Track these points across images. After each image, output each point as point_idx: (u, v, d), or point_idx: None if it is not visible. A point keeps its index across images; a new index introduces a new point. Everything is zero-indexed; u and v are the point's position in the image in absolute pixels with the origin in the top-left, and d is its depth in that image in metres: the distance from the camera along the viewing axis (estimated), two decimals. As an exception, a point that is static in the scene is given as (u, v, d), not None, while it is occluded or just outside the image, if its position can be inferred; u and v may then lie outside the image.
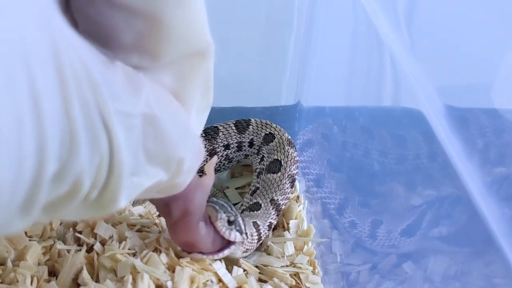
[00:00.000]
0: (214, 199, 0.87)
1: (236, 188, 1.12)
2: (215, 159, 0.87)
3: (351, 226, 0.99)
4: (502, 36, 0.73)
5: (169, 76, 0.56)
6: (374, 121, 1.00)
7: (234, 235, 0.86)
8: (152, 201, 0.89)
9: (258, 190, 1.03)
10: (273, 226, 1.02)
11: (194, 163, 0.61)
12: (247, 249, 0.93)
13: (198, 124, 0.64)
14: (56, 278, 0.85)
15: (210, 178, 0.82)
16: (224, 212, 0.85)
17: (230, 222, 0.85)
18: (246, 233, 0.89)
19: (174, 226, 0.83)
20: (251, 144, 1.09)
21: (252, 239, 0.93)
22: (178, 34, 0.53)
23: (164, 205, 0.81)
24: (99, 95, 0.44)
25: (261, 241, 0.98)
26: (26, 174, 0.39)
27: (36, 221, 0.69)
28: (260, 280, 0.95)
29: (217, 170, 1.08)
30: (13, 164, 0.37)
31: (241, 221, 0.88)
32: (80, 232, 0.91)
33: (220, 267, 0.89)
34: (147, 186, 0.53)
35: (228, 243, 0.87)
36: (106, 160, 0.45)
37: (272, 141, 1.07)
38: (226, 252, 0.87)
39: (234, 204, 1.07)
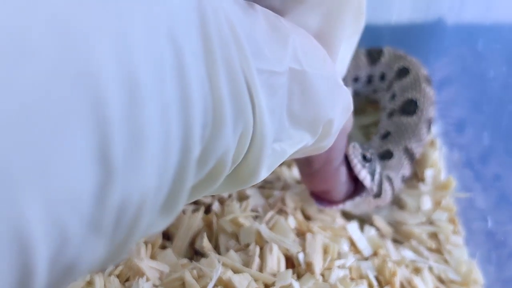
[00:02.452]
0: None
1: (360, 127, 0.99)
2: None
3: (495, 178, 0.85)
4: None
5: (316, 17, 0.48)
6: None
7: (364, 175, 0.73)
8: None
9: (389, 135, 0.89)
10: (405, 178, 0.89)
11: (342, 121, 0.52)
12: (377, 206, 0.81)
13: (347, 50, 0.55)
14: (171, 243, 0.77)
15: (351, 121, 0.69)
16: (360, 146, 0.72)
17: (364, 158, 0.72)
18: (379, 187, 0.77)
19: (313, 175, 0.71)
20: (382, 77, 0.94)
21: (386, 196, 0.81)
22: None
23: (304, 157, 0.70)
24: (242, 55, 0.36)
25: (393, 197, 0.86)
26: (171, 170, 0.32)
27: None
28: (395, 240, 0.84)
29: None
30: (161, 167, 0.31)
31: (377, 169, 0.75)
32: (195, 190, 0.81)
33: (354, 231, 0.79)
34: (290, 153, 0.45)
35: (354, 193, 0.75)
36: (249, 130, 0.39)
37: (406, 77, 0.91)
38: (347, 204, 0.76)
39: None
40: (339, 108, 0.49)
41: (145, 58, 0.29)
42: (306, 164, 0.70)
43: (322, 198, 0.76)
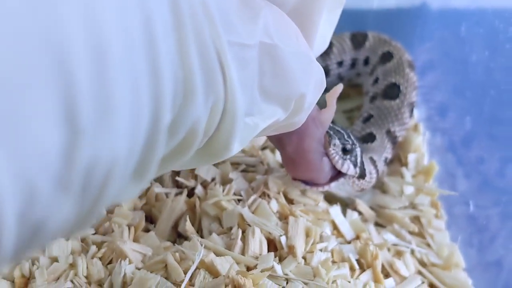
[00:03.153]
0: (331, 124, 0.74)
1: (344, 112, 0.99)
2: (340, 87, 0.69)
3: (477, 163, 0.86)
4: None
5: None
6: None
7: (347, 166, 0.73)
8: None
9: (372, 118, 0.89)
10: (388, 161, 0.89)
11: (315, 97, 0.53)
12: (362, 188, 0.81)
13: (328, 24, 0.55)
14: (154, 226, 0.77)
15: (330, 112, 0.69)
16: (339, 139, 0.72)
17: (345, 151, 0.72)
18: (363, 169, 0.77)
19: (292, 162, 0.71)
20: (366, 62, 0.94)
21: (370, 178, 0.81)
22: None
23: (277, 140, 0.70)
24: (213, 28, 0.37)
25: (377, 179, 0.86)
26: (142, 134, 0.33)
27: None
28: (377, 224, 0.84)
29: (327, 90, 0.95)
30: (131, 130, 0.32)
31: (358, 153, 0.76)
32: (178, 173, 0.81)
33: (337, 214, 0.79)
34: (262, 127, 0.46)
35: (338, 174, 0.75)
36: (221, 102, 0.40)
37: (390, 61, 0.92)
38: (333, 185, 0.75)
39: (343, 131, 0.95)
40: (312, 84, 0.50)
41: (115, 28, 0.30)
42: (280, 147, 0.71)
43: (307, 182, 0.76)
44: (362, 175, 0.78)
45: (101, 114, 0.29)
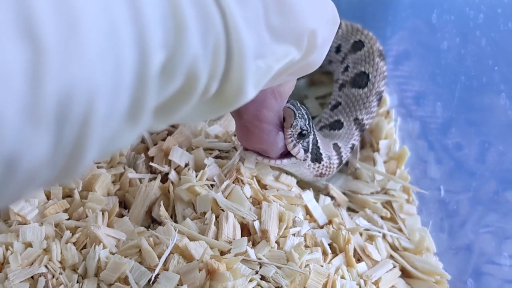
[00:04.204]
0: (298, 103, 0.74)
1: (316, 98, 0.99)
2: None
3: (449, 147, 0.87)
4: None
5: None
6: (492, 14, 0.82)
7: (298, 150, 0.74)
8: None
9: (340, 106, 0.90)
10: (355, 148, 0.90)
11: (329, 34, 0.51)
12: (321, 173, 0.82)
13: None
14: (128, 211, 0.77)
15: (290, 86, 0.70)
16: (300, 123, 0.72)
17: (300, 135, 0.73)
18: (316, 154, 0.78)
19: (246, 131, 0.71)
20: (337, 49, 0.95)
21: (330, 163, 0.82)
22: None
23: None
24: None
25: (340, 166, 0.86)
26: (127, 69, 0.31)
27: (150, 129, 0.60)
28: (349, 209, 0.86)
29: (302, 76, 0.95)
30: (108, 58, 0.30)
31: (311, 140, 0.76)
32: (152, 159, 0.81)
33: (310, 199, 0.80)
34: (277, 69, 0.44)
35: (289, 153, 0.75)
36: (222, 41, 0.38)
37: (361, 50, 0.92)
38: (285, 162, 0.75)
39: (313, 118, 0.95)
40: (323, 19, 0.49)
41: None
42: (236, 114, 0.70)
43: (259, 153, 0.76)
44: (317, 159, 0.79)
45: (65, 32, 0.28)
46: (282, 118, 0.72)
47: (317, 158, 0.79)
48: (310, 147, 0.76)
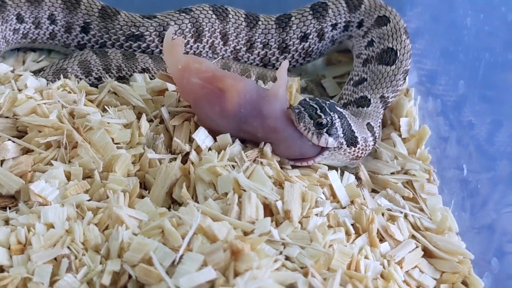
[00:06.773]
0: (303, 100, 0.76)
1: (334, 77, 0.98)
2: (286, 63, 0.74)
3: (477, 126, 0.86)
4: None
5: None
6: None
7: (325, 140, 0.74)
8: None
9: (365, 82, 0.89)
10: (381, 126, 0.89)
11: None
12: (357, 156, 0.81)
13: None
14: (148, 192, 0.76)
15: (279, 84, 0.72)
16: (310, 115, 0.73)
17: (319, 125, 0.73)
18: (351, 137, 0.78)
19: (274, 147, 0.77)
20: (359, 25, 0.94)
21: (366, 145, 0.81)
22: None
23: (245, 135, 0.77)
24: None
25: (375, 145, 0.86)
26: None
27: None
28: (371, 190, 0.85)
29: (321, 54, 0.95)
30: None
31: (338, 125, 0.76)
32: (171, 139, 0.80)
33: (335, 179, 0.78)
34: None
35: (322, 149, 0.77)
36: None
37: (386, 25, 0.91)
38: (324, 155, 0.77)
39: (332, 97, 0.94)
40: None
41: None
42: (254, 138, 0.77)
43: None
44: (352, 143, 0.78)
45: None
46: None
47: (352, 142, 0.78)
48: (341, 132, 0.76)
